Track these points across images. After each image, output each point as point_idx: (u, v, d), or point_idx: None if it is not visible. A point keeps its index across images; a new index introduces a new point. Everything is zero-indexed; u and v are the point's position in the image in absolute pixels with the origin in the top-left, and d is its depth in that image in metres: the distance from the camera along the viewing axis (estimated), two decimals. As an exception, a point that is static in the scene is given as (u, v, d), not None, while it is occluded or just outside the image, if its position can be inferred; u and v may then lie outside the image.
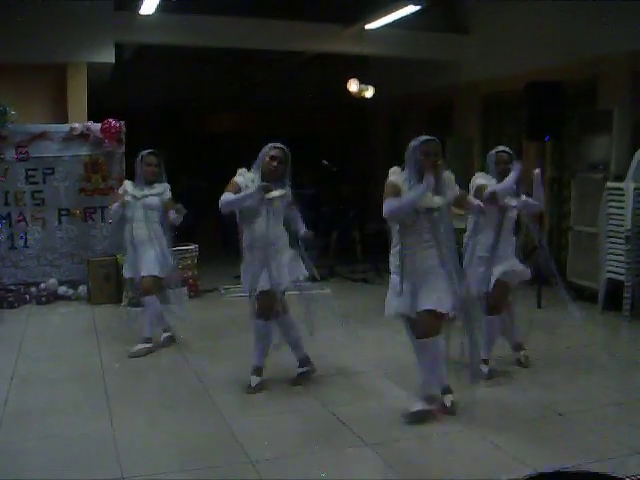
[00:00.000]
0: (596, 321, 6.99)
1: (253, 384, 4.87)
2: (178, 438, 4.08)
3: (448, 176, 4.29)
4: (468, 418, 4.32)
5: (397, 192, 4.16)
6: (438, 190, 4.19)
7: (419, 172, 4.14)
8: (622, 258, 6.87)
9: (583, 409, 4.50)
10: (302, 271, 4.87)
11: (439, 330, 4.25)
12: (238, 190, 4.70)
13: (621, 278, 6.88)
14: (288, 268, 4.81)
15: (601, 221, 7.14)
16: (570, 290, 5.53)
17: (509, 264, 5.11)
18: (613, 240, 7.01)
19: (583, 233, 7.61)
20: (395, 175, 4.25)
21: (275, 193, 4.72)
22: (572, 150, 8.14)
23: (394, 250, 4.32)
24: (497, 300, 5.08)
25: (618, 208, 6.94)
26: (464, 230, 5.26)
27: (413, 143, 4.20)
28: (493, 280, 5.04)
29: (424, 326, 4.23)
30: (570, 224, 7.88)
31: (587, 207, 7.52)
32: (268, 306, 4.78)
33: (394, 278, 4.33)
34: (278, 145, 4.78)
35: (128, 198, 5.83)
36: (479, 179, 5.09)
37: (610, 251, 7.04)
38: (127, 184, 5.97)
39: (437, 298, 4.18)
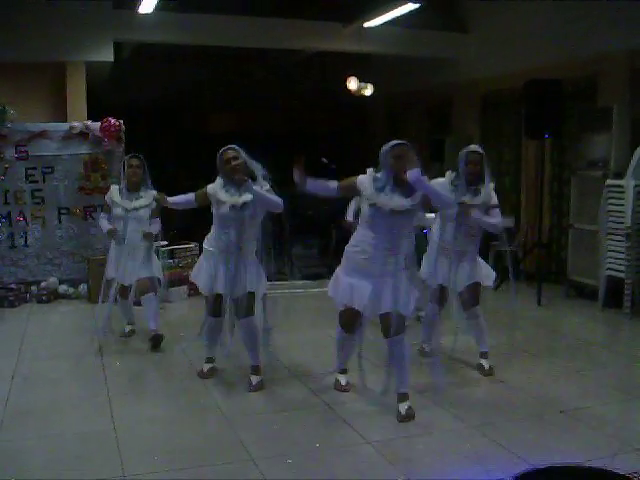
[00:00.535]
0: (596, 318, 7.00)
1: (254, 382, 4.89)
2: (179, 436, 4.08)
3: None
4: (469, 415, 4.34)
5: (348, 184, 4.38)
6: (407, 192, 4.22)
7: (393, 176, 4.21)
8: (622, 255, 6.88)
9: (584, 406, 4.51)
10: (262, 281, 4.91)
11: (404, 329, 4.33)
12: (202, 197, 4.92)
13: (621, 275, 6.89)
14: (249, 275, 4.81)
15: (601, 218, 7.14)
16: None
17: (475, 267, 5.17)
18: (613, 237, 7.01)
19: (583, 231, 7.61)
20: (366, 174, 4.33)
21: (239, 200, 4.71)
22: (572, 148, 8.15)
23: (353, 244, 4.39)
24: (475, 294, 5.16)
25: (618, 205, 6.95)
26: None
27: (384, 148, 4.27)
28: (466, 283, 5.11)
29: (391, 325, 4.29)
30: (570, 222, 7.88)
31: (587, 205, 7.53)
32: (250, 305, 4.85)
33: (342, 269, 4.45)
34: (227, 147, 4.81)
35: (118, 209, 5.91)
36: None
37: (610, 248, 7.05)
38: (114, 191, 6.00)
39: (401, 300, 4.25)
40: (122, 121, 8.01)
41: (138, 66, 10.49)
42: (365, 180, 4.30)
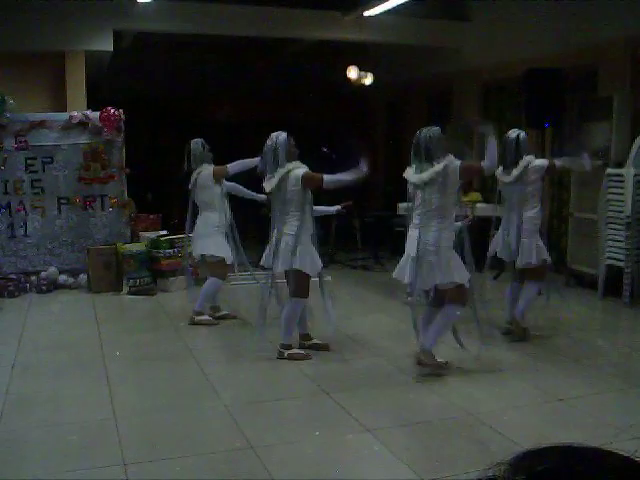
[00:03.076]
0: (596, 307, 7.01)
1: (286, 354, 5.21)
2: (179, 425, 4.10)
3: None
4: (467, 403, 4.35)
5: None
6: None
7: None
8: (622, 244, 6.88)
9: (583, 395, 4.51)
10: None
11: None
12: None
13: (621, 264, 6.89)
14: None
15: (601, 208, 7.13)
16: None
17: None
18: (613, 226, 7.01)
19: (583, 220, 7.61)
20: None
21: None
22: (572, 137, 8.13)
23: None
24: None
25: (618, 194, 6.94)
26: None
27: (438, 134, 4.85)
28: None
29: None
30: (570, 210, 7.88)
31: (587, 194, 7.52)
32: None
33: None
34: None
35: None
36: None
37: (610, 237, 7.05)
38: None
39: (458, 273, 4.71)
40: (122, 110, 8.00)
41: (138, 55, 10.45)
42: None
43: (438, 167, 4.63)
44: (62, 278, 7.87)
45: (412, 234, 4.76)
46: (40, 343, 5.80)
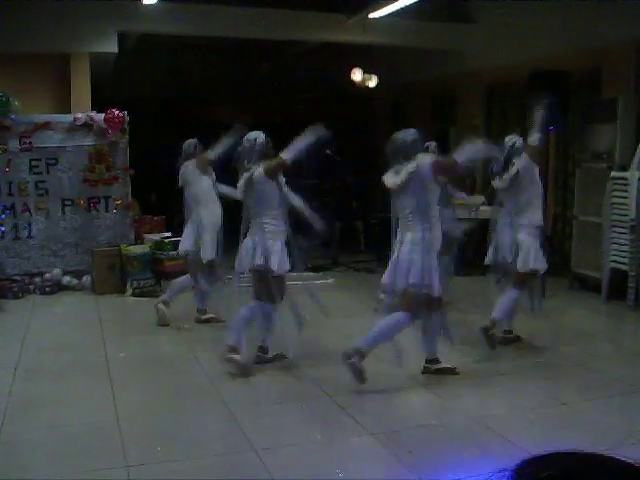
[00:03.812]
0: (600, 310, 7.00)
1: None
2: (182, 427, 4.10)
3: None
4: (471, 408, 4.34)
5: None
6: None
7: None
8: (626, 248, 6.87)
9: (587, 398, 4.50)
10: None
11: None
12: None
13: (625, 268, 6.87)
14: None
15: (605, 211, 7.12)
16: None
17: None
18: (617, 230, 7.00)
19: (587, 223, 7.59)
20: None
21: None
22: (576, 139, 8.12)
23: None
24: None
25: (622, 198, 6.93)
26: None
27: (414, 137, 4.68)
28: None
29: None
30: (574, 213, 7.86)
31: (591, 197, 7.50)
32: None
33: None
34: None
35: None
36: None
37: (614, 241, 7.03)
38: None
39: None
40: (126, 112, 8.01)
41: (142, 57, 10.47)
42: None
43: (411, 167, 4.51)
44: (66, 279, 7.88)
45: (397, 240, 4.70)
46: (43, 344, 5.80)
